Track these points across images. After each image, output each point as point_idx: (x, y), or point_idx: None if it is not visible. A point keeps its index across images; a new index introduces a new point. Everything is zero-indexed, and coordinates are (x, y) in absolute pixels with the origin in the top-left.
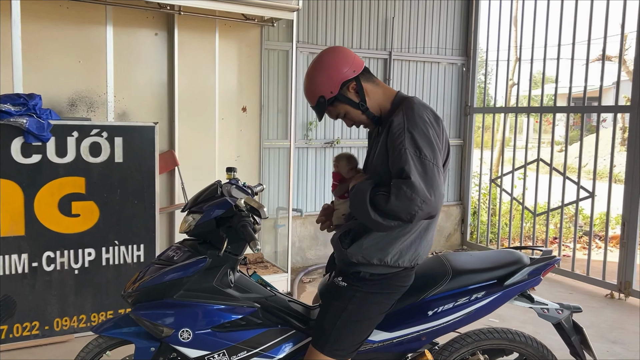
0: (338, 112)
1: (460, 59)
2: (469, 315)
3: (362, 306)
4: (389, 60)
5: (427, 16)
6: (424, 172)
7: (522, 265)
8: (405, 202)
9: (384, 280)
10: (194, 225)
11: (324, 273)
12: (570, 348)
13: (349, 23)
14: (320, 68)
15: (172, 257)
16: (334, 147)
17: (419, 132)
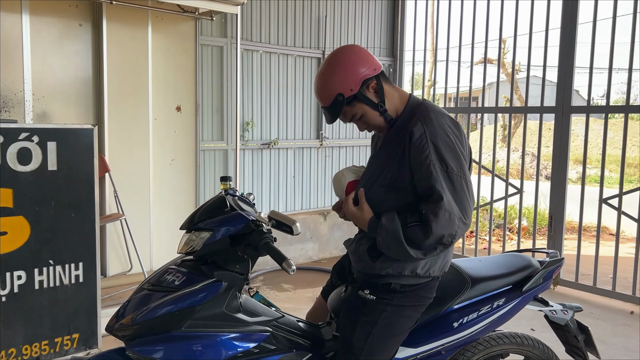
0: (354, 113)
1: (387, 59)
2: (491, 324)
3: (393, 320)
4: (322, 59)
5: (357, 16)
6: (454, 188)
7: (534, 269)
8: (445, 225)
9: (414, 292)
10: (201, 244)
11: (330, 284)
12: (566, 346)
13: (283, 20)
14: (339, 65)
15: (172, 282)
16: (271, 148)
17: (442, 143)
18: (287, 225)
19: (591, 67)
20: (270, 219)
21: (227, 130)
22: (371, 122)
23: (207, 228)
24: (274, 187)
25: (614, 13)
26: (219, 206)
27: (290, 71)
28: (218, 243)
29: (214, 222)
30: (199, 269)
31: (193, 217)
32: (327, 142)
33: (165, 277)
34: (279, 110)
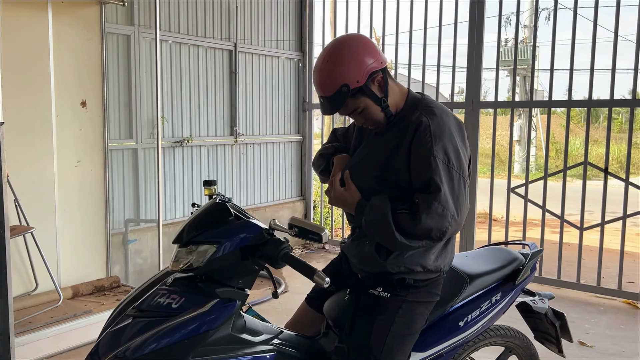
0: (357, 106)
1: (296, 54)
2: (491, 319)
3: (409, 317)
4: (234, 52)
5: (267, 9)
6: (452, 184)
7: (520, 261)
8: (436, 219)
9: (426, 287)
10: (205, 259)
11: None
12: (535, 333)
13: (193, 9)
14: (347, 54)
15: (167, 306)
16: (184, 146)
17: (446, 138)
18: (314, 233)
19: (497, 68)
20: (291, 226)
21: (137, 127)
22: (371, 117)
23: (211, 240)
24: (187, 187)
25: (517, 15)
26: (220, 215)
27: (201, 63)
28: (226, 257)
29: (219, 233)
30: (197, 288)
31: (189, 228)
32: (242, 138)
33: (158, 300)
34: (191, 105)
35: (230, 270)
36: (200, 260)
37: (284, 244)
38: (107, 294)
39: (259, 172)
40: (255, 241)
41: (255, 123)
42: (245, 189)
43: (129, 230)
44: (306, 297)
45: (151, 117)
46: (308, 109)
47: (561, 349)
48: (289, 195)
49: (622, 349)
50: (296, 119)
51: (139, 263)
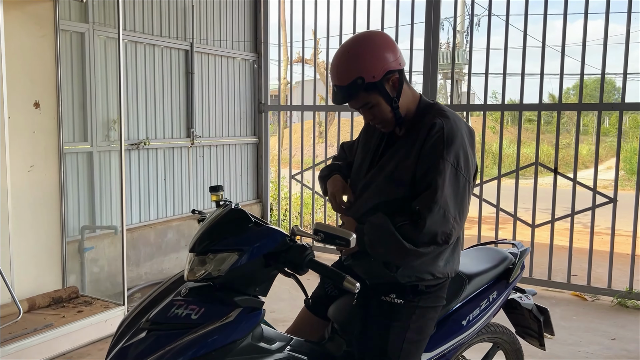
0: (367, 102)
1: (252, 55)
2: (488, 317)
3: (423, 322)
4: (190, 52)
5: (222, 7)
6: (457, 187)
7: (510, 260)
8: (440, 222)
9: (435, 292)
10: (227, 267)
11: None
12: (517, 328)
13: (148, 8)
14: (367, 46)
15: (187, 317)
16: (140, 149)
17: (457, 142)
18: (342, 238)
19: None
20: (317, 232)
21: (92, 129)
22: (380, 115)
23: (232, 248)
24: (143, 192)
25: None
26: (239, 222)
27: (157, 63)
28: (249, 265)
29: (241, 240)
30: (215, 297)
31: (205, 235)
32: (199, 140)
33: (175, 311)
34: (147, 106)
35: (248, 278)
36: (218, 269)
37: (307, 250)
38: (66, 306)
39: (216, 175)
40: (278, 248)
41: (211, 125)
42: (202, 191)
43: (85, 237)
44: (305, 301)
45: (106, 118)
46: (264, 111)
47: (543, 342)
48: (245, 198)
49: (579, 338)
50: (252, 121)
51: (96, 272)
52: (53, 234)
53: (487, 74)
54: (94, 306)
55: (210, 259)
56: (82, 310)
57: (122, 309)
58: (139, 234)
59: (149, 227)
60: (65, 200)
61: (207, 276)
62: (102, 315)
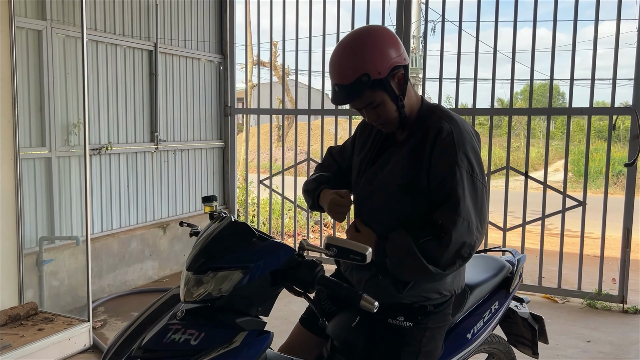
0: (373, 100)
1: (217, 56)
2: (492, 329)
3: (433, 344)
4: (154, 52)
5: (187, 6)
6: (476, 195)
7: (508, 268)
8: (465, 235)
9: (442, 311)
10: (231, 287)
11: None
12: (509, 337)
13: (110, 5)
14: (371, 41)
15: (185, 343)
16: (101, 154)
17: (469, 146)
18: (357, 253)
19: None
20: (329, 246)
21: (50, 134)
22: (385, 115)
23: (236, 266)
24: (105, 199)
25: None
26: (242, 236)
27: (119, 64)
28: (255, 284)
29: (245, 257)
30: (214, 319)
31: (206, 251)
32: (163, 145)
33: (171, 336)
34: (109, 109)
35: (251, 298)
36: (219, 288)
37: (318, 266)
38: (24, 324)
39: (181, 181)
40: (286, 264)
41: (176, 128)
42: (167, 198)
43: (44, 249)
44: (300, 318)
45: (66, 122)
46: (230, 114)
47: (536, 350)
48: None
49: (555, 342)
50: (218, 124)
51: (55, 286)
52: (8, 245)
53: (441, 79)
54: (56, 323)
55: (210, 277)
56: (42, 328)
57: (87, 326)
58: (101, 244)
59: (111, 237)
60: (22, 210)
61: (206, 297)
62: (65, 333)
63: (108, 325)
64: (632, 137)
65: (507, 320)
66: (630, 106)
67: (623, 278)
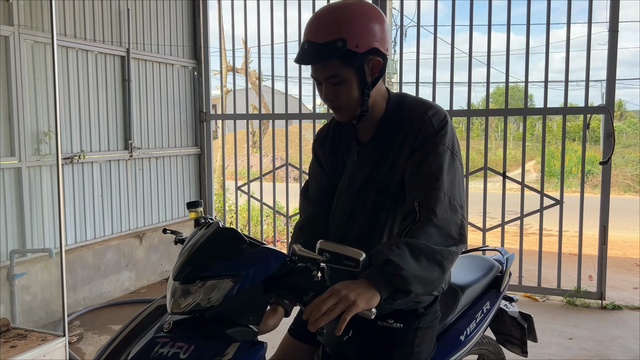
0: (338, 74)
1: (191, 62)
2: (484, 329)
3: (425, 345)
4: (127, 58)
5: (159, 12)
6: (455, 173)
7: (497, 267)
8: (449, 211)
9: (432, 310)
10: (221, 296)
11: None
12: (498, 337)
13: (80, 10)
14: (362, 12)
15: (174, 356)
16: (74, 163)
17: (449, 128)
18: (351, 258)
19: None
20: (322, 252)
21: (19, 143)
22: (344, 97)
23: (226, 274)
24: (79, 210)
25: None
26: (231, 243)
27: (91, 70)
28: (246, 292)
29: (236, 264)
30: (203, 331)
31: (194, 260)
32: (138, 153)
33: (159, 350)
34: (81, 117)
35: (242, 307)
36: (209, 298)
37: (313, 272)
38: None
39: (157, 189)
40: (278, 271)
41: (150, 136)
42: (142, 207)
43: (15, 262)
44: (289, 329)
45: (36, 130)
46: (205, 120)
47: (525, 349)
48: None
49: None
50: (193, 131)
51: (28, 300)
52: None
53: (418, 83)
54: (30, 339)
55: (198, 287)
56: (15, 345)
57: (63, 341)
58: (75, 256)
59: (86, 248)
60: None
61: (195, 307)
62: (39, 349)
63: (85, 339)
64: (606, 135)
65: (496, 319)
66: (604, 105)
67: (601, 275)
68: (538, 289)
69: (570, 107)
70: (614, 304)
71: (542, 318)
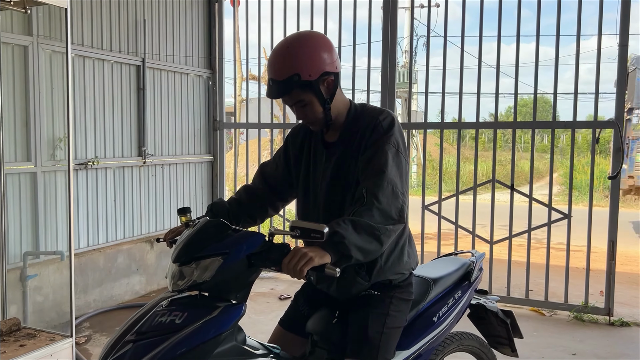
0: (301, 99)
1: (206, 71)
2: (458, 313)
3: (399, 312)
4: (142, 67)
5: (175, 23)
6: (400, 165)
7: (469, 264)
8: (391, 197)
9: (405, 287)
10: (213, 271)
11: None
12: (489, 339)
13: (97, 20)
14: (307, 45)
15: (171, 322)
16: (88, 169)
17: (396, 129)
18: (317, 231)
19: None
20: (293, 228)
21: (35, 148)
22: (311, 114)
23: (217, 253)
24: (92, 214)
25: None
26: (218, 230)
27: (107, 79)
28: (234, 267)
29: (224, 244)
30: (197, 305)
31: (189, 245)
32: (151, 159)
33: (159, 320)
34: (96, 124)
35: (229, 284)
36: (203, 274)
37: (287, 247)
38: (6, 340)
39: (169, 194)
40: (259, 248)
41: (164, 143)
42: (154, 213)
43: (28, 264)
44: (280, 321)
45: (52, 137)
46: (219, 128)
47: (514, 348)
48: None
49: (540, 355)
50: (206, 139)
51: (39, 301)
52: None
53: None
54: (38, 339)
55: (194, 267)
56: (24, 344)
57: (70, 341)
58: (87, 259)
59: (97, 252)
60: (6, 225)
61: (192, 284)
62: (47, 349)
63: (92, 340)
64: (615, 150)
65: (482, 321)
66: (613, 120)
67: (609, 290)
68: (545, 303)
69: (579, 121)
70: (622, 320)
71: (547, 333)
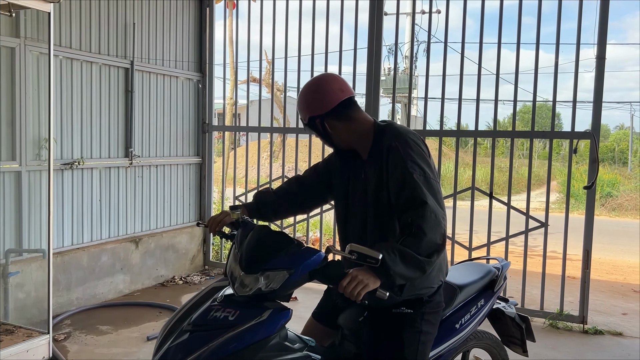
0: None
1: (196, 74)
2: (479, 321)
3: (430, 326)
4: (131, 70)
5: (165, 27)
6: (433, 191)
7: (494, 272)
8: (435, 226)
9: (436, 299)
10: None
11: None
12: (502, 338)
13: (86, 24)
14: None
15: (224, 319)
16: (73, 169)
17: (415, 153)
18: (372, 257)
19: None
20: (352, 252)
21: (21, 148)
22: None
23: (282, 267)
24: (77, 213)
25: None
26: (283, 243)
27: (95, 81)
28: (297, 280)
29: (290, 261)
30: (247, 303)
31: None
32: (138, 160)
33: (214, 314)
34: (83, 125)
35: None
36: (269, 285)
37: (341, 267)
38: None
39: (155, 196)
40: (319, 265)
41: (152, 144)
42: (140, 213)
43: (10, 261)
44: (312, 313)
45: (38, 137)
46: (208, 131)
47: (525, 349)
48: (187, 220)
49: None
50: (195, 141)
51: (21, 298)
52: None
53: (427, 99)
54: (16, 335)
55: (259, 276)
56: (1, 339)
57: (47, 338)
58: (71, 257)
59: (81, 250)
60: None
61: (257, 292)
62: (23, 345)
63: (71, 337)
64: (591, 160)
65: (499, 321)
66: (590, 131)
67: (583, 299)
68: (521, 310)
69: (556, 132)
70: (596, 328)
71: None
